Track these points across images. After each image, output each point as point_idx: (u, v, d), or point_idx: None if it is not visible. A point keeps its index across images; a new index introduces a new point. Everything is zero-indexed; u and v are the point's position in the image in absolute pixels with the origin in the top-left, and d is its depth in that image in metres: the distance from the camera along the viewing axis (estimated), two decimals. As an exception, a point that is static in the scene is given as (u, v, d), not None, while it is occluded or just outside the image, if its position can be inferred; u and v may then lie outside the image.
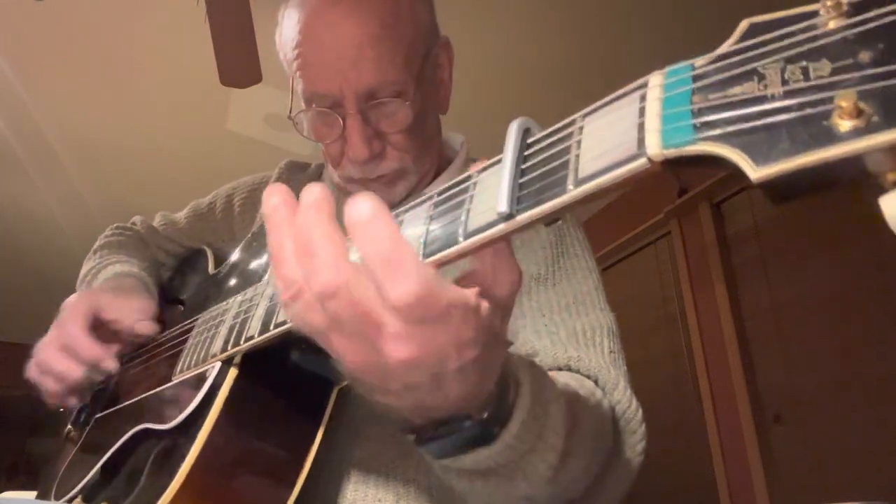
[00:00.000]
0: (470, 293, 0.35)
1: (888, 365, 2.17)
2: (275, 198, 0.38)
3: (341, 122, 0.75)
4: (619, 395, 0.63)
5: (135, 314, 0.80)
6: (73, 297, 0.81)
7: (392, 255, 0.32)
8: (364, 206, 0.33)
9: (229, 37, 2.23)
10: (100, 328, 0.79)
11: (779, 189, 0.24)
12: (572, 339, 0.68)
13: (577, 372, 0.63)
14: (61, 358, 0.75)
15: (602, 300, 0.76)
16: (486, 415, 0.41)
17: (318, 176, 0.99)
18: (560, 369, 0.63)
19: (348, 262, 0.34)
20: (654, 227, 3.30)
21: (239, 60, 2.28)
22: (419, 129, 0.79)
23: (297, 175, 0.99)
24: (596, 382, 0.63)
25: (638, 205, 3.42)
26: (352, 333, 0.35)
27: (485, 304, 0.36)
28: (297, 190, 1.03)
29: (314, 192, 0.36)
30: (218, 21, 2.19)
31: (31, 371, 0.78)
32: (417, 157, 0.81)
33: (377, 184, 0.80)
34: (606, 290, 0.76)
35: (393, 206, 0.86)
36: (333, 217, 0.36)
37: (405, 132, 0.77)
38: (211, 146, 3.25)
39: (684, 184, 3.14)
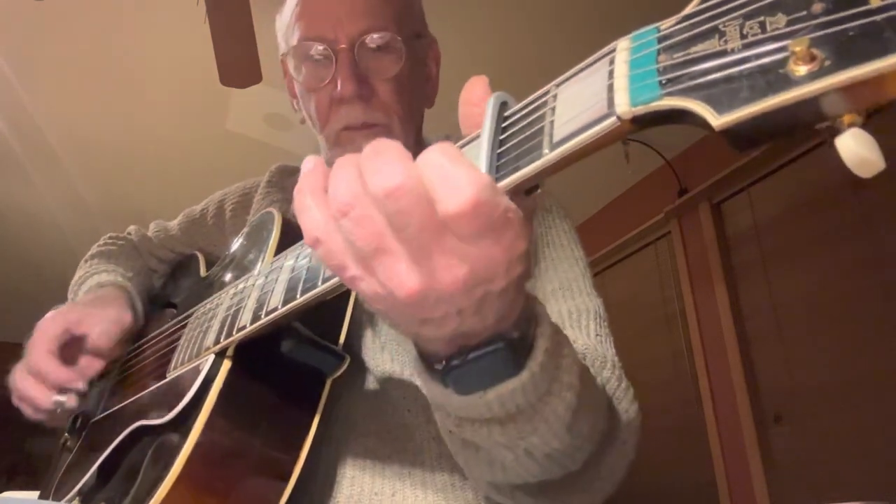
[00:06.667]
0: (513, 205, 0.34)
1: (888, 365, 2.17)
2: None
3: (333, 63, 0.78)
4: (609, 374, 0.63)
5: (98, 326, 0.80)
6: (46, 316, 0.81)
7: (449, 165, 0.32)
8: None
9: (229, 37, 2.24)
10: (76, 344, 0.80)
11: (741, 136, 0.25)
12: (558, 322, 0.68)
13: None
14: (31, 384, 0.76)
15: (589, 286, 0.76)
16: (515, 334, 0.40)
17: None
18: None
19: (418, 168, 0.33)
20: (654, 227, 3.31)
21: (239, 60, 2.29)
22: (406, 92, 0.82)
23: (288, 178, 1.00)
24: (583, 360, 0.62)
25: (638, 205, 3.42)
26: (411, 245, 0.33)
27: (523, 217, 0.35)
28: (287, 193, 1.02)
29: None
30: (218, 21, 2.20)
31: (14, 397, 0.78)
32: (403, 124, 0.82)
33: (362, 137, 0.80)
34: (606, 290, 0.77)
35: None
36: None
37: (393, 86, 0.80)
38: (211, 146, 3.26)
39: (684, 184, 3.14)
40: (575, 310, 0.71)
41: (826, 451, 2.33)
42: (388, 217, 0.33)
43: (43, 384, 0.76)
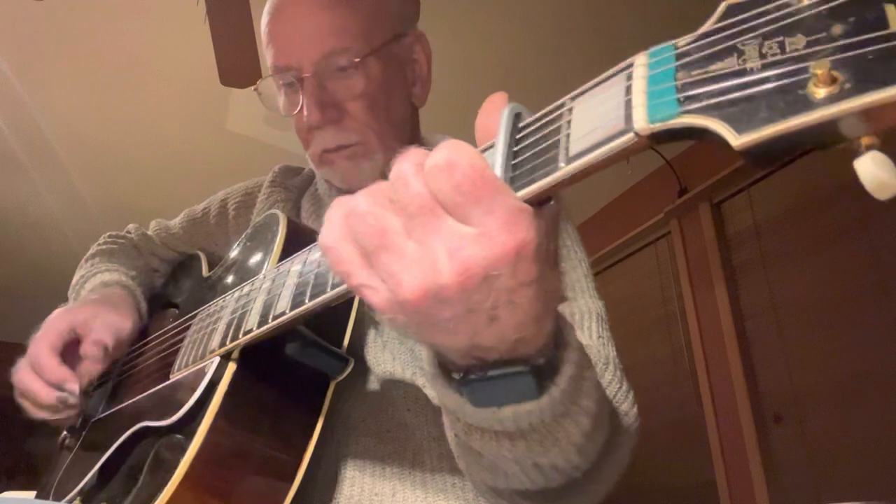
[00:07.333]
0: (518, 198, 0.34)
1: (888, 365, 2.17)
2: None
3: (300, 91, 0.78)
4: (610, 376, 0.63)
5: (99, 331, 0.80)
6: (53, 314, 0.81)
7: (447, 144, 0.34)
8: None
9: (229, 37, 2.24)
10: (78, 344, 0.80)
11: (760, 155, 0.25)
12: None
13: None
14: (32, 378, 0.76)
15: (591, 288, 0.76)
16: (542, 360, 0.39)
17: (311, 180, 1.00)
18: None
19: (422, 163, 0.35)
20: (654, 227, 3.31)
21: (239, 60, 2.28)
22: (381, 105, 0.81)
23: (290, 179, 1.00)
24: None
25: (638, 205, 3.42)
26: (407, 230, 0.34)
27: (540, 217, 0.35)
28: (290, 193, 1.02)
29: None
30: (218, 21, 2.20)
31: (17, 393, 0.78)
32: (381, 137, 0.81)
33: (340, 158, 0.81)
34: (606, 289, 0.77)
35: (361, 186, 0.87)
36: None
37: (363, 103, 0.79)
38: (211, 146, 3.25)
39: (684, 184, 3.14)
40: (577, 311, 0.72)
41: (826, 451, 2.33)
42: (389, 200, 0.35)
43: (41, 380, 0.75)
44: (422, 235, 0.33)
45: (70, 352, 0.79)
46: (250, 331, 0.58)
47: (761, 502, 2.48)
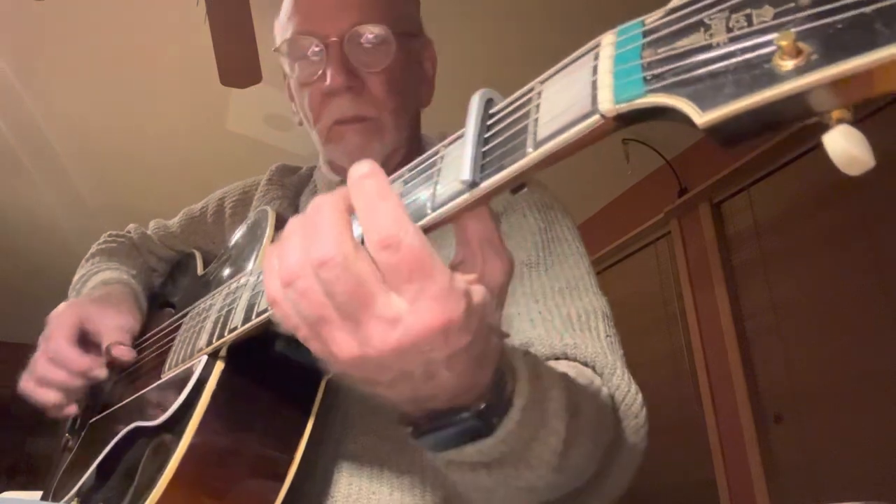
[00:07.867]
0: (459, 277, 0.35)
1: (888, 364, 2.17)
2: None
3: (324, 57, 0.78)
4: (618, 381, 0.62)
5: (114, 333, 0.80)
6: (58, 309, 0.81)
7: (376, 202, 0.34)
8: (363, 165, 0.36)
9: (229, 37, 2.24)
10: (86, 338, 0.80)
11: (726, 133, 0.24)
12: (567, 325, 0.67)
13: (574, 360, 0.62)
14: (54, 370, 0.76)
15: (594, 284, 0.75)
16: (482, 406, 0.40)
17: (308, 178, 0.99)
18: (557, 358, 0.63)
19: (350, 237, 0.35)
20: (654, 227, 3.31)
21: (239, 60, 2.29)
22: (399, 87, 0.81)
23: (287, 178, 0.99)
24: (594, 369, 0.62)
25: (638, 205, 3.42)
26: (342, 314, 0.35)
27: (477, 289, 0.36)
28: (287, 191, 1.01)
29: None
30: (218, 21, 2.20)
31: (27, 385, 0.78)
32: (396, 119, 0.81)
33: (352, 131, 0.80)
34: (606, 290, 0.76)
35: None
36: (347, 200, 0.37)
37: (384, 78, 0.79)
38: (211, 146, 3.26)
39: (684, 184, 3.14)
40: (583, 311, 0.70)
41: (826, 451, 2.33)
42: (321, 285, 0.35)
43: (65, 371, 0.76)
44: (356, 313, 0.35)
45: (80, 344, 0.79)
46: (235, 328, 0.57)
47: (761, 502, 2.48)
